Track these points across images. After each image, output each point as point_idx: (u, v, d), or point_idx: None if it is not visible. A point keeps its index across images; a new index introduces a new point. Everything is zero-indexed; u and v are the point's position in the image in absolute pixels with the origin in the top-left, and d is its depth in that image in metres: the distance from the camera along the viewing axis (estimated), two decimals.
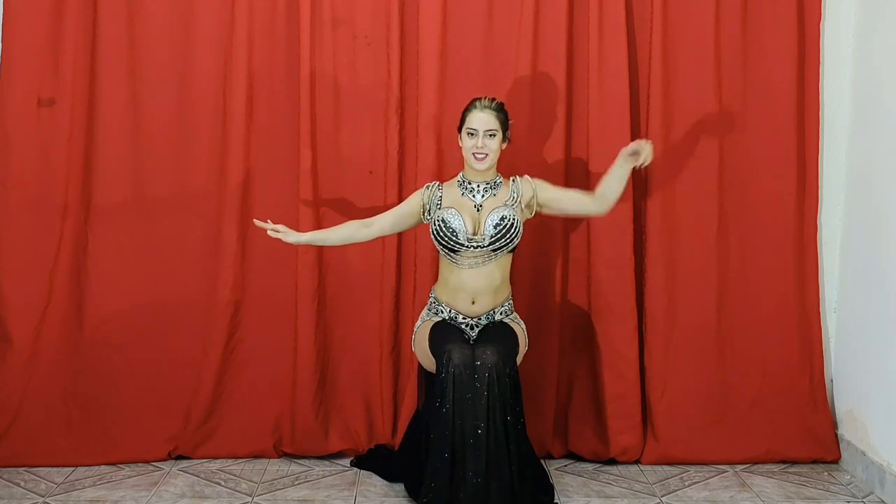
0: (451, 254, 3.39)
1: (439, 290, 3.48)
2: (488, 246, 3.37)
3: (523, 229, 3.43)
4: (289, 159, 3.87)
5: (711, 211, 3.89)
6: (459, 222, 3.37)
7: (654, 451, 3.86)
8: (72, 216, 3.81)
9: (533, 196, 3.44)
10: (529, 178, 3.47)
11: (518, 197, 3.43)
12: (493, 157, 3.40)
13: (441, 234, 3.38)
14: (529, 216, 3.47)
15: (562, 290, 3.92)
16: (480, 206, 3.42)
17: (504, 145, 3.44)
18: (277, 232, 3.43)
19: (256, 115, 3.86)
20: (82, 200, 3.83)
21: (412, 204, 3.49)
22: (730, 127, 3.90)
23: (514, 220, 3.39)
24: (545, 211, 3.49)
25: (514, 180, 3.46)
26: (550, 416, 3.88)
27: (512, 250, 3.44)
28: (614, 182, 3.43)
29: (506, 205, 3.40)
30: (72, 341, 3.84)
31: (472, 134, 3.38)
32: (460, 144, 3.45)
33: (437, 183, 3.50)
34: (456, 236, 3.36)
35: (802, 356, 3.95)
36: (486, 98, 3.42)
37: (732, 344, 3.94)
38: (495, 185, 3.45)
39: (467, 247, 3.37)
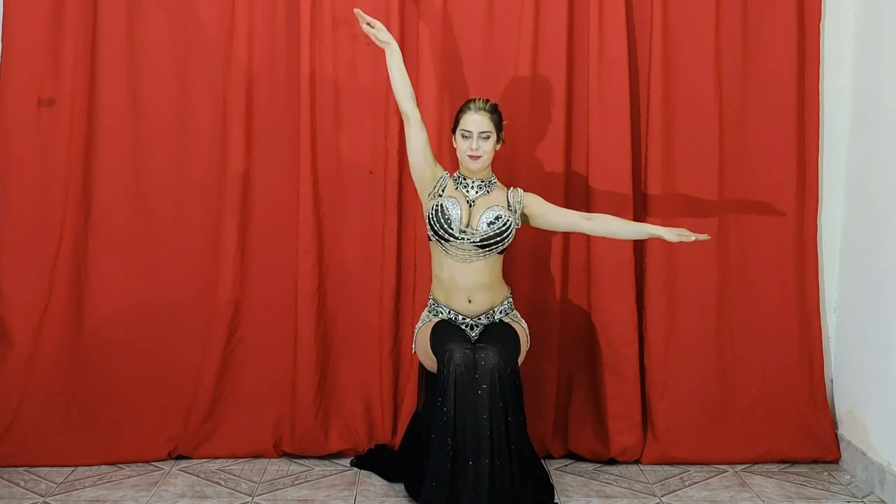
0: (443, 243, 3.39)
1: (436, 292, 3.48)
2: (479, 241, 3.37)
3: (516, 233, 3.43)
4: (289, 159, 3.87)
5: (711, 211, 3.89)
6: (457, 212, 3.37)
7: (654, 451, 3.86)
8: (72, 216, 3.81)
9: (522, 206, 3.44)
10: (523, 191, 3.47)
11: (513, 205, 3.43)
12: (487, 158, 3.40)
13: (436, 219, 3.38)
14: (518, 226, 3.47)
15: (562, 290, 3.92)
16: (473, 201, 3.42)
17: (498, 146, 3.44)
18: (372, 27, 3.42)
19: (256, 116, 3.86)
20: (82, 200, 3.83)
21: (431, 160, 3.46)
22: (730, 127, 3.90)
23: (508, 221, 3.39)
24: (533, 222, 3.47)
25: (510, 190, 3.47)
26: (550, 416, 3.88)
27: (502, 251, 3.44)
28: (627, 234, 3.49)
29: (501, 206, 3.40)
30: (72, 341, 3.83)
31: (466, 136, 3.38)
32: (454, 145, 3.45)
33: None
34: (450, 225, 3.36)
35: (802, 356, 3.95)
36: (480, 99, 3.43)
37: (732, 344, 3.95)
38: (489, 185, 3.45)
39: (458, 238, 3.37)
